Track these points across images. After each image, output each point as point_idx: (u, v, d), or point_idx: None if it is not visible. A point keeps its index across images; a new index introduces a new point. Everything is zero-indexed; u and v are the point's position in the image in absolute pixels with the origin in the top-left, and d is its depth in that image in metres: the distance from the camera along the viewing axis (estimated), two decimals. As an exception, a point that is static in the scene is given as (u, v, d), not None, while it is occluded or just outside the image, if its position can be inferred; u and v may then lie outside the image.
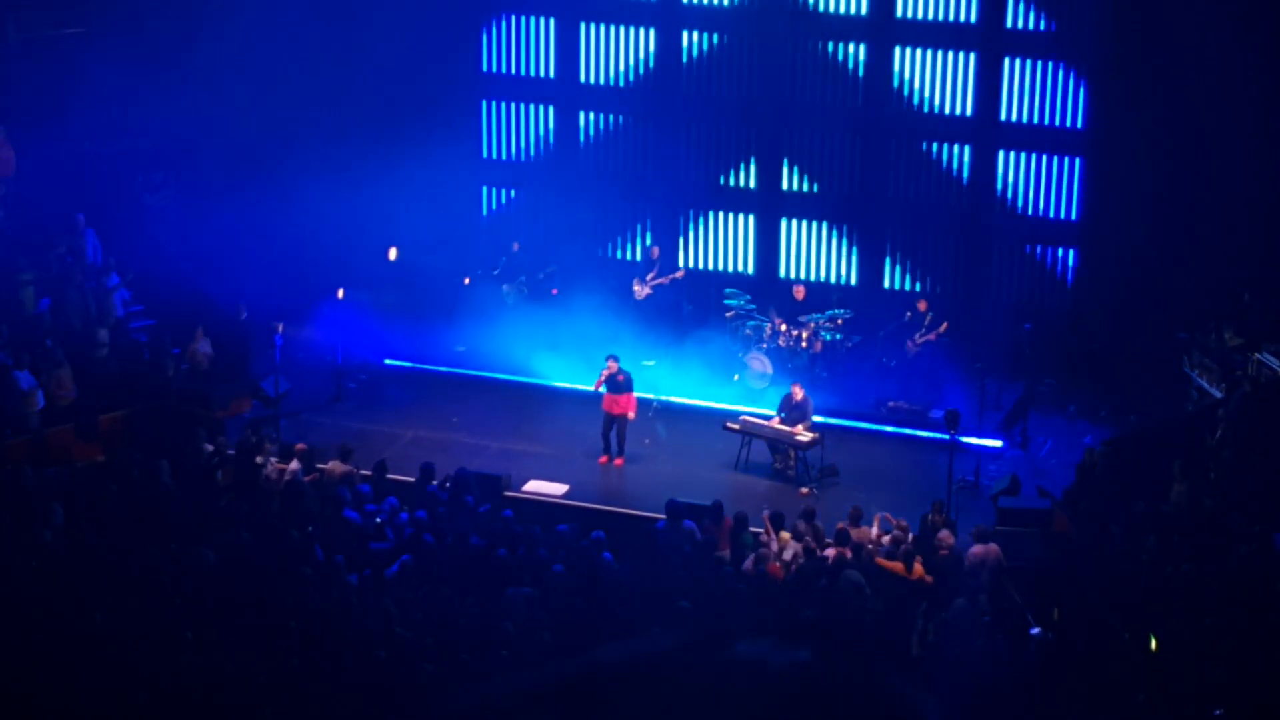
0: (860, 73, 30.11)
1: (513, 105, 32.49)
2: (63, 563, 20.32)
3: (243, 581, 19.73)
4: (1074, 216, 29.54)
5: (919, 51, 29.66)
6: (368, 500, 22.49)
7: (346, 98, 31.73)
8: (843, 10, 29.85)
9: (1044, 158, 29.56)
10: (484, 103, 32.62)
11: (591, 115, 32.01)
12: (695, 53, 30.97)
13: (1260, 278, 27.48)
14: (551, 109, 32.27)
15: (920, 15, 29.44)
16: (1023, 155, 29.65)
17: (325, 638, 18.44)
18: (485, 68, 32.35)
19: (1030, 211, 29.77)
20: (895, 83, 29.89)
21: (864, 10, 29.72)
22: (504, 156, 32.73)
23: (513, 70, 32.25)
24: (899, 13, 29.51)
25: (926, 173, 30.23)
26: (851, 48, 29.99)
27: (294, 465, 23.39)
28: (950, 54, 29.59)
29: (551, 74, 32.05)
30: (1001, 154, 29.73)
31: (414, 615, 19.15)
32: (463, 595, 19.76)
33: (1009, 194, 29.83)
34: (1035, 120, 29.34)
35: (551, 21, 31.83)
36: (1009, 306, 29.88)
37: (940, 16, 29.37)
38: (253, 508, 22.37)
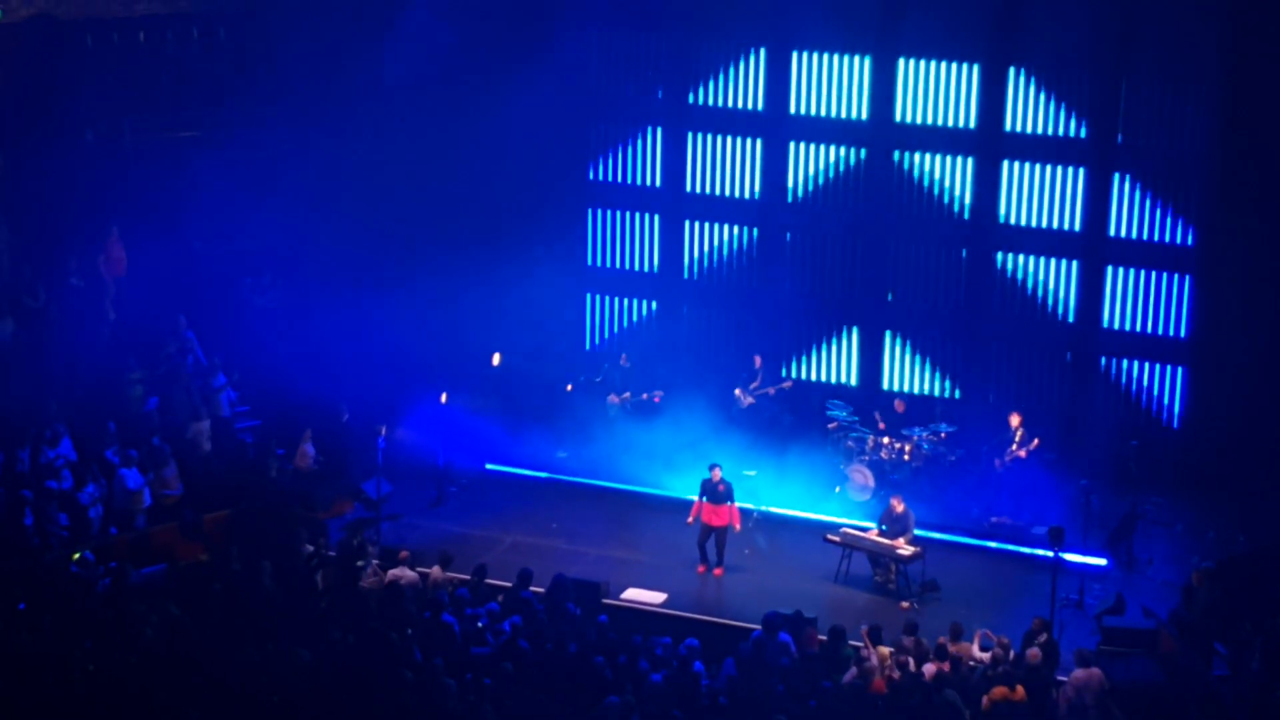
0: (967, 189, 30.13)
1: (619, 213, 32.72)
2: (163, 661, 20.41)
3: (341, 683, 19.73)
4: (1184, 334, 29.26)
5: (1026, 166, 29.71)
6: (466, 604, 22.46)
7: (453, 202, 32.03)
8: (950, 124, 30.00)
9: (1153, 274, 29.36)
10: (590, 210, 32.87)
11: (698, 225, 32.20)
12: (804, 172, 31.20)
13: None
14: (658, 218, 32.47)
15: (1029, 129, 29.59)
16: (1131, 271, 29.48)
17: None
18: (592, 175, 32.65)
19: (1139, 328, 29.53)
20: (1001, 197, 29.93)
21: (972, 124, 29.85)
22: (609, 264, 32.94)
23: (620, 179, 32.51)
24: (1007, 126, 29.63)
25: (1031, 288, 30.10)
26: (958, 162, 30.07)
27: (395, 569, 23.45)
28: (1058, 168, 29.58)
29: (658, 183, 32.26)
30: (1110, 270, 29.58)
31: (511, 721, 19.08)
32: (559, 702, 19.67)
33: (1117, 310, 29.64)
34: (1144, 236, 29.20)
35: (659, 130, 32.11)
36: (1116, 423, 29.57)
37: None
38: (352, 610, 22.40)
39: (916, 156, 30.39)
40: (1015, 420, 28.35)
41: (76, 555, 23.59)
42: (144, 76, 30.54)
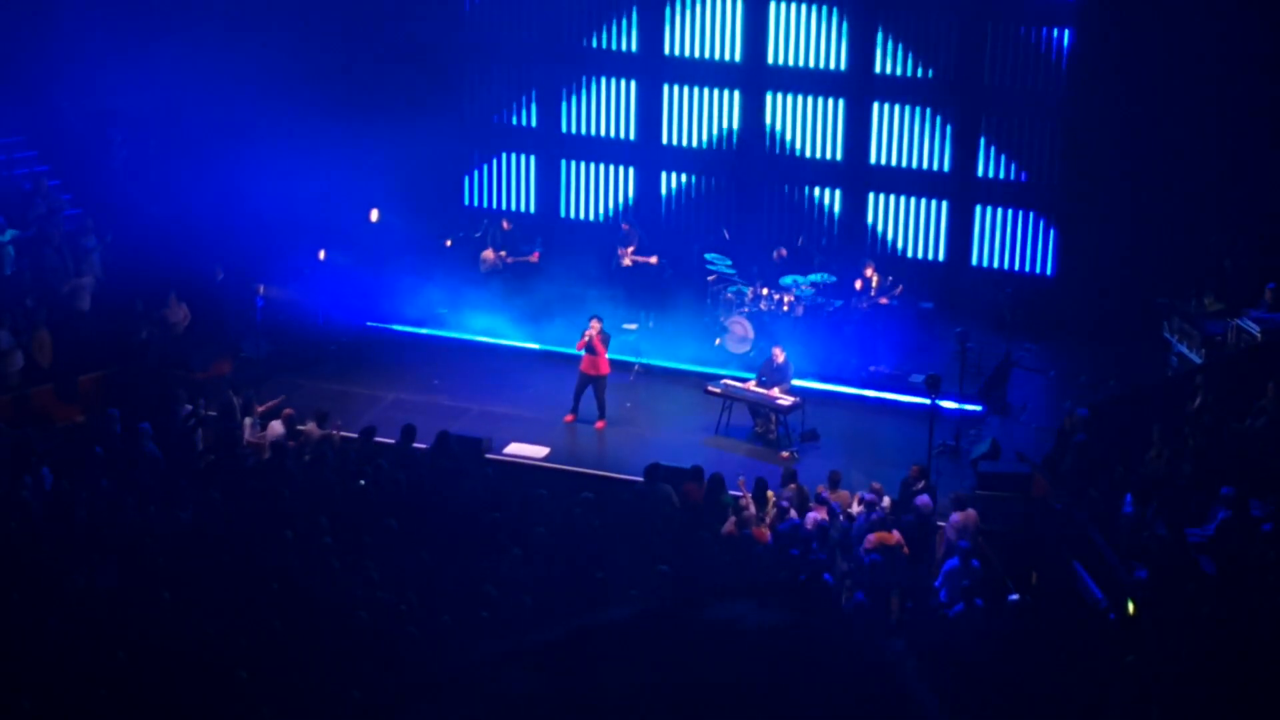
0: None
1: (498, 69, 32.43)
2: (42, 523, 20.31)
3: (222, 543, 19.73)
4: (1054, 182, 29.60)
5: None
6: (351, 462, 22.46)
7: (331, 56, 31.58)
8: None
9: (1024, 123, 29.60)
10: (468, 65, 32.54)
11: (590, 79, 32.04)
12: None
13: (1240, 244, 27.56)
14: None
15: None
16: (1003, 121, 29.71)
17: (306, 600, 18.45)
18: (469, 30, 32.30)
19: (1011, 177, 29.83)
20: (890, 49, 30.00)
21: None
22: (490, 119, 32.70)
23: (498, 33, 32.19)
24: None
25: (909, 138, 30.26)
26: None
27: (276, 428, 23.40)
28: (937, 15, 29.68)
29: (536, 38, 32.02)
30: (984, 119, 29.78)
31: (396, 577, 19.16)
32: (444, 558, 19.78)
33: (991, 160, 29.89)
34: (1016, 85, 29.40)
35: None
36: (991, 272, 29.95)
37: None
38: (232, 470, 22.35)
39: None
40: (869, 270, 28.67)
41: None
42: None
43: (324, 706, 16.65)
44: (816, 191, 31.10)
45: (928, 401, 23.61)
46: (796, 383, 25.82)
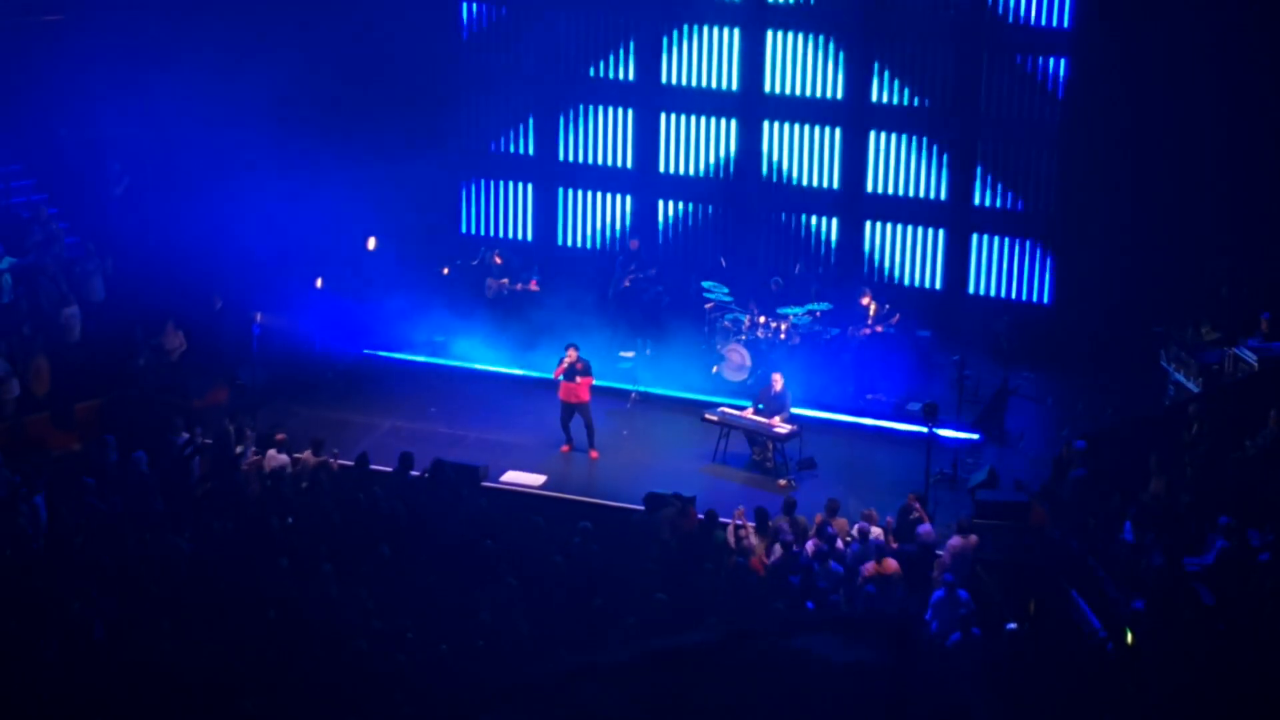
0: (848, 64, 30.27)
1: (493, 97, 32.50)
2: (40, 553, 20.27)
3: (219, 571, 19.69)
4: (1051, 210, 29.62)
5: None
6: (346, 488, 22.42)
7: (328, 86, 31.62)
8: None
9: (1022, 149, 29.65)
10: (464, 94, 32.60)
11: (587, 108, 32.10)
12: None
13: (1237, 273, 27.58)
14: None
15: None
16: (999, 149, 29.76)
17: (303, 627, 18.41)
18: (466, 58, 32.38)
19: (1008, 206, 29.86)
20: (887, 78, 30.06)
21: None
22: (485, 149, 32.74)
23: (493, 60, 32.27)
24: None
25: (908, 166, 30.30)
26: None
27: (272, 455, 23.36)
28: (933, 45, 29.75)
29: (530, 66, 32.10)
30: (980, 147, 29.83)
31: (393, 605, 19.11)
32: (441, 586, 19.74)
33: (988, 188, 29.93)
34: (1013, 114, 29.45)
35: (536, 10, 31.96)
36: (988, 300, 29.96)
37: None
38: (229, 497, 22.31)
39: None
40: (866, 299, 28.68)
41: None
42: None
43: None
44: (813, 220, 31.15)
45: (925, 430, 23.61)
46: (794, 410, 25.80)
